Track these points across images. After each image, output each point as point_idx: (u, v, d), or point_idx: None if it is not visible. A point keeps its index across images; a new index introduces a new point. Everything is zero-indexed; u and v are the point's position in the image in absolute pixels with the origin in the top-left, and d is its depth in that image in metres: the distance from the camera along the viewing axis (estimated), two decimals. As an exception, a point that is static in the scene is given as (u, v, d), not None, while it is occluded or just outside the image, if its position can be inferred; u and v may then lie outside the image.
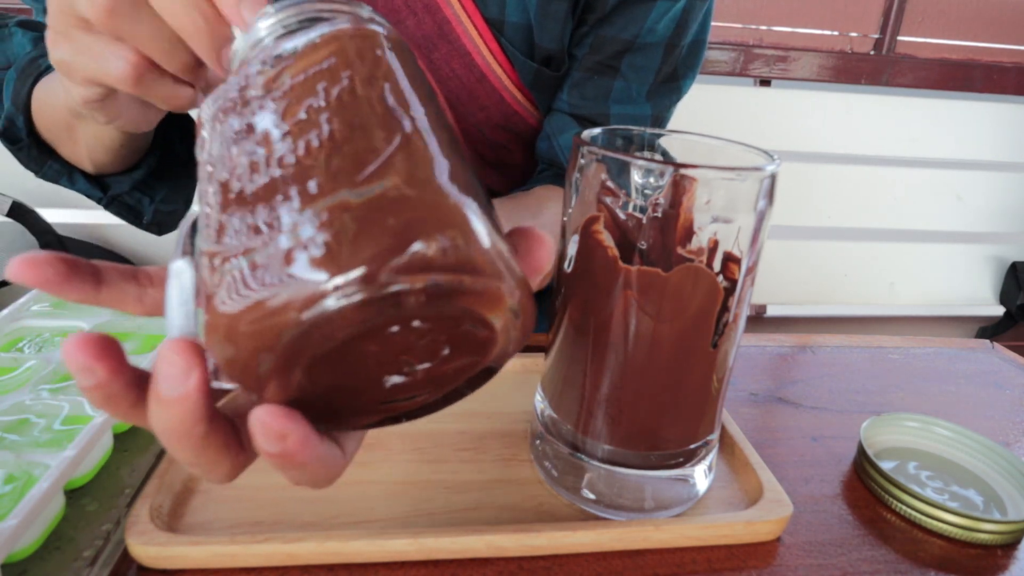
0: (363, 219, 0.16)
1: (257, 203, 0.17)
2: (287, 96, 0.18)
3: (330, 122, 0.17)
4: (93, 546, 0.31)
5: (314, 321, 0.16)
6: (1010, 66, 1.36)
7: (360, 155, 0.17)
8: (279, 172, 0.17)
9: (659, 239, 0.31)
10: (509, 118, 0.62)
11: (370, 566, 0.32)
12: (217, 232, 0.18)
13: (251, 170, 0.18)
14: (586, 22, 0.58)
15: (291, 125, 0.18)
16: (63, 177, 0.51)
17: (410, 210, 0.16)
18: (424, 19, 0.56)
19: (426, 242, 0.16)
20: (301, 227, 0.16)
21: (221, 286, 0.17)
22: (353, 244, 0.16)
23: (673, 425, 0.34)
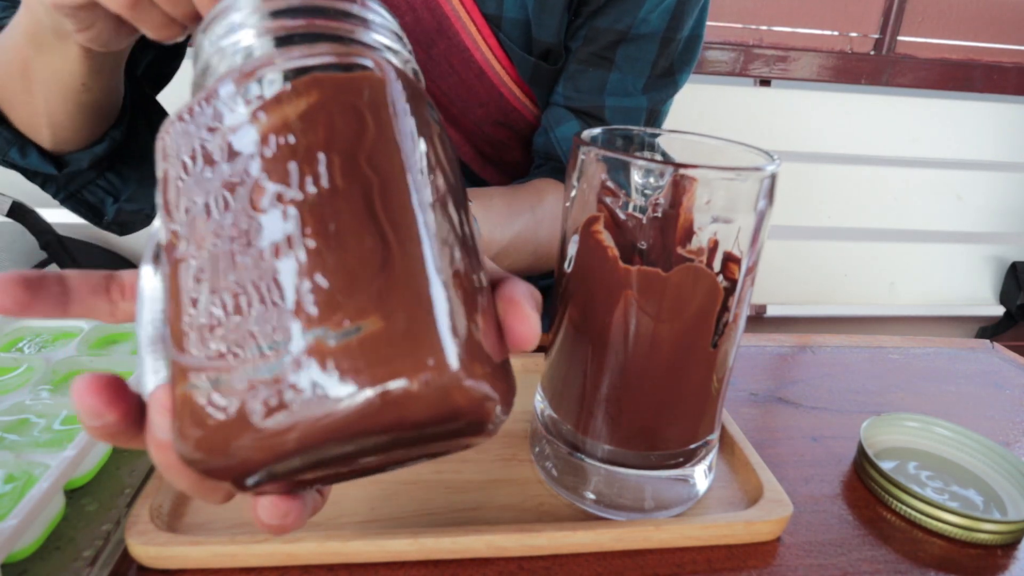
0: (337, 365, 0.15)
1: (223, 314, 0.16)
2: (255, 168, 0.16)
3: (303, 226, 0.15)
4: (93, 546, 0.31)
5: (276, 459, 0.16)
6: (1010, 66, 1.36)
7: (337, 282, 0.15)
8: (246, 284, 0.16)
9: (659, 239, 0.31)
10: (508, 114, 0.62)
11: (370, 566, 0.32)
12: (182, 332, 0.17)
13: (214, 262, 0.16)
14: (581, 14, 0.58)
15: (258, 217, 0.16)
16: (13, 148, 0.47)
17: (387, 352, 0.15)
18: (423, 15, 0.56)
19: (402, 387, 0.15)
20: (267, 362, 0.15)
21: (183, 399, 0.16)
22: (328, 387, 0.15)
23: (673, 425, 0.34)
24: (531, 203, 0.55)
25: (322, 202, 0.15)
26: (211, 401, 0.16)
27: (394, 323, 0.15)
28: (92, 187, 0.53)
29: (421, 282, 0.16)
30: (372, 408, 0.15)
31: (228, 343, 0.16)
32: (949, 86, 1.36)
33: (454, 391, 0.16)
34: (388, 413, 0.15)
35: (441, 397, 0.15)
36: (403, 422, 0.15)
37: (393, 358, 0.15)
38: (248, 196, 0.16)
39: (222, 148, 0.16)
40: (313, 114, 0.16)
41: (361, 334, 0.15)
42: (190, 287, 0.16)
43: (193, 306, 0.16)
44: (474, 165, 0.66)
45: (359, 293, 0.15)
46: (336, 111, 0.16)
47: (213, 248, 0.16)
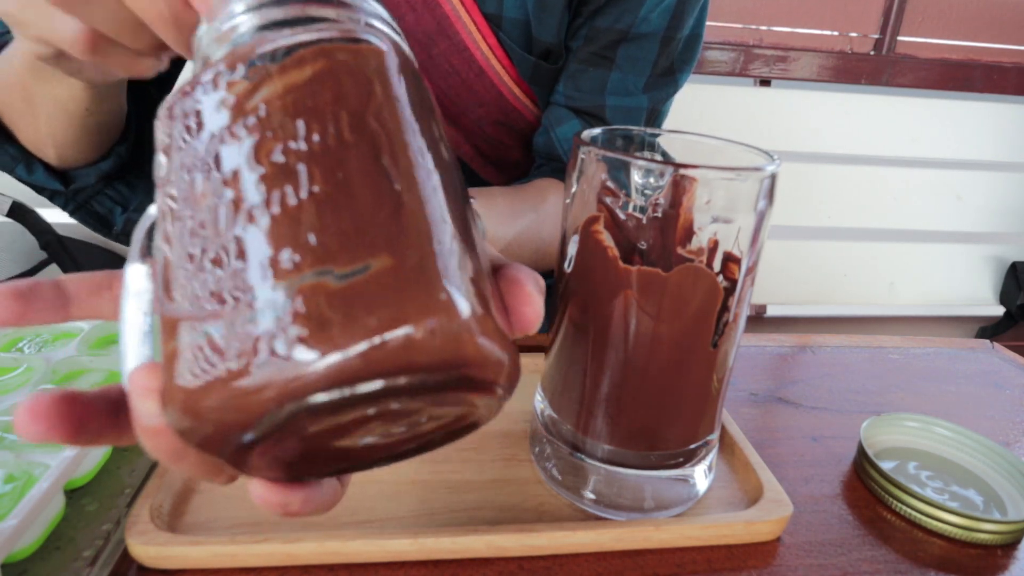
0: (345, 305, 0.14)
1: (219, 265, 0.15)
2: (261, 126, 0.16)
3: (311, 175, 0.15)
4: (93, 546, 0.31)
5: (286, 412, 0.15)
6: (1010, 66, 1.36)
7: (343, 226, 0.15)
8: (249, 228, 0.15)
9: (659, 239, 0.31)
10: (508, 114, 0.62)
11: (370, 566, 0.32)
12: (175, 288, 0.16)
13: (215, 219, 0.15)
14: (581, 14, 0.58)
15: (266, 168, 0.15)
16: (19, 164, 0.47)
17: (398, 295, 0.15)
18: (423, 15, 0.56)
19: (414, 331, 0.14)
20: (273, 305, 0.14)
21: (177, 356, 0.15)
22: (333, 331, 0.14)
23: (673, 425, 0.34)
24: (534, 202, 0.55)
25: (330, 154, 0.15)
26: (206, 351, 0.15)
27: (404, 262, 0.15)
28: (101, 197, 0.53)
29: (430, 230, 0.16)
30: (380, 348, 0.14)
31: (225, 290, 0.15)
32: (949, 86, 1.36)
33: (463, 337, 0.15)
34: (396, 356, 0.14)
35: (452, 342, 0.15)
36: (411, 364, 0.15)
37: (402, 298, 0.15)
38: (252, 151, 0.16)
39: (226, 112, 0.16)
40: (320, 78, 0.16)
41: (368, 273, 0.15)
42: (188, 242, 0.16)
43: (190, 259, 0.16)
44: (474, 165, 0.66)
45: (366, 234, 0.15)
46: (343, 76, 0.16)
47: (214, 202, 0.16)
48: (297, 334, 0.14)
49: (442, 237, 0.16)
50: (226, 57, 0.17)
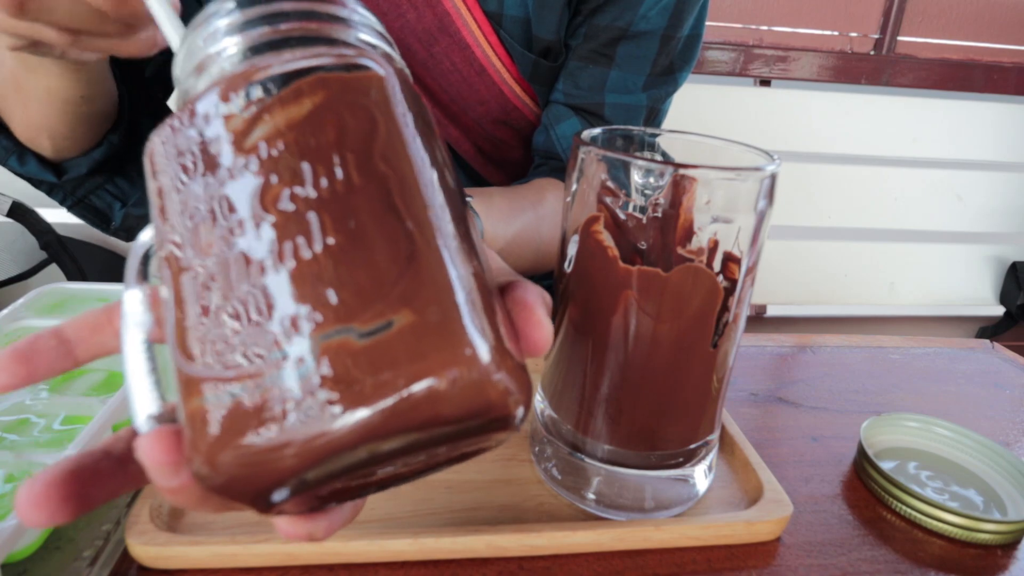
0: (369, 363, 0.14)
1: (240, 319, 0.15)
2: (264, 169, 0.15)
3: (323, 225, 0.15)
4: (93, 546, 0.31)
5: (317, 470, 0.15)
6: (1010, 66, 1.36)
7: (362, 281, 0.15)
8: (265, 283, 0.15)
9: (659, 239, 0.31)
10: (508, 112, 0.62)
11: (370, 566, 0.32)
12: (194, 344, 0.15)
13: (224, 270, 0.15)
14: (581, 12, 0.58)
15: (274, 216, 0.15)
16: (12, 156, 0.47)
17: (421, 350, 0.15)
18: (424, 13, 0.56)
19: (440, 384, 0.15)
20: (298, 365, 0.14)
21: (201, 414, 0.15)
22: (360, 390, 0.14)
23: (673, 425, 0.34)
24: (532, 201, 0.55)
25: (339, 200, 0.15)
26: (232, 413, 0.15)
27: (426, 318, 0.15)
28: (100, 192, 0.53)
29: (447, 277, 0.16)
30: (408, 404, 0.14)
31: (247, 349, 0.15)
32: (949, 86, 1.36)
33: (487, 385, 0.15)
34: (424, 409, 0.14)
35: (476, 391, 0.15)
36: (438, 417, 0.15)
37: (426, 353, 0.15)
38: (258, 198, 0.15)
39: (225, 151, 0.16)
40: (321, 113, 0.16)
41: (391, 330, 0.14)
42: (200, 295, 0.15)
43: (205, 315, 0.15)
44: (474, 163, 0.66)
45: (385, 289, 0.15)
46: (344, 110, 0.16)
47: (222, 253, 0.15)
48: (325, 395, 0.14)
49: (458, 281, 0.16)
50: (218, 86, 0.16)
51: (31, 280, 1.07)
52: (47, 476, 0.17)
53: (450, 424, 0.15)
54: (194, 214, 0.16)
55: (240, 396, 0.15)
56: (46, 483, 0.17)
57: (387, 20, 0.56)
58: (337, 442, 0.14)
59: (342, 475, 0.16)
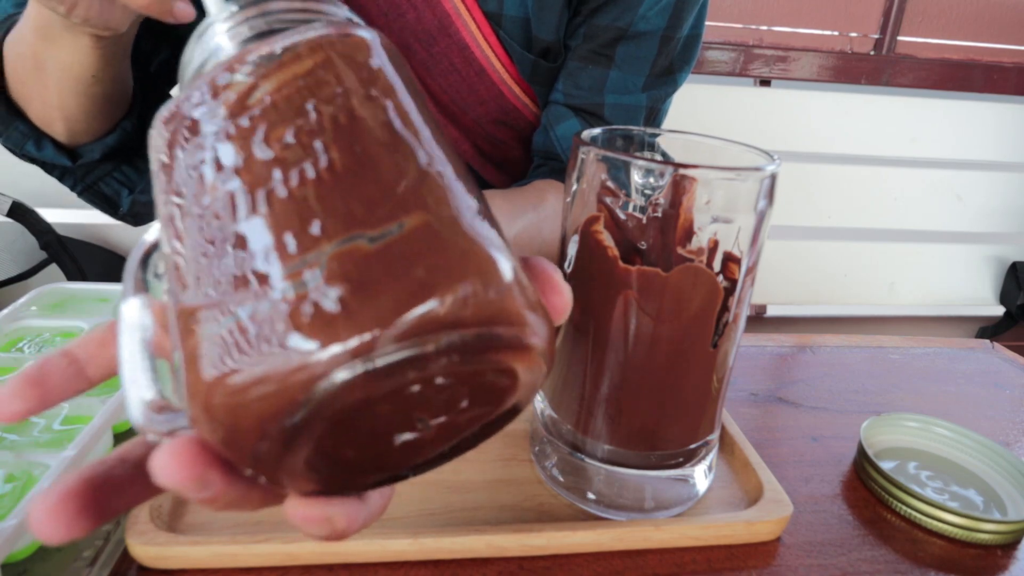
0: (381, 267, 0.14)
1: (242, 247, 0.15)
2: (268, 116, 0.15)
3: (327, 150, 0.15)
4: (93, 546, 0.31)
5: (333, 391, 0.14)
6: (1010, 66, 1.36)
7: (370, 189, 0.14)
8: (268, 210, 0.15)
9: (659, 239, 0.31)
10: (508, 113, 0.62)
11: (370, 566, 0.32)
12: (193, 281, 0.15)
13: (232, 205, 0.15)
14: (580, 12, 0.58)
15: (278, 151, 0.15)
16: (29, 141, 0.48)
17: (433, 254, 0.14)
18: (424, 13, 0.56)
19: (456, 291, 0.14)
20: (304, 278, 0.14)
21: (204, 352, 0.14)
22: (373, 298, 0.13)
23: (673, 425, 0.34)
24: (533, 203, 0.55)
25: (343, 130, 0.15)
26: (237, 335, 0.14)
27: (439, 216, 0.15)
28: (108, 179, 0.54)
29: (457, 186, 0.16)
30: (431, 305, 0.14)
31: (250, 267, 0.14)
32: (949, 86, 1.36)
33: (512, 293, 0.15)
34: (448, 311, 0.14)
35: (500, 297, 0.14)
36: (462, 319, 0.14)
37: (443, 252, 0.14)
38: (264, 137, 0.15)
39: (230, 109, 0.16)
40: (320, 67, 0.16)
41: (403, 231, 0.14)
42: (203, 231, 0.15)
43: (207, 248, 0.15)
44: (474, 164, 0.66)
45: (394, 195, 0.14)
46: (341, 62, 0.16)
47: (228, 190, 0.15)
48: (339, 298, 0.13)
49: (467, 195, 0.16)
50: (219, 65, 0.16)
51: (31, 280, 1.07)
52: (61, 489, 0.16)
53: (475, 326, 0.14)
54: (198, 165, 0.16)
55: (243, 316, 0.14)
56: (60, 496, 0.16)
57: (387, 20, 0.56)
58: (360, 346, 0.13)
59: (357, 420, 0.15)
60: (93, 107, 0.47)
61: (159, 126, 0.17)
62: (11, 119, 0.48)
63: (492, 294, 0.14)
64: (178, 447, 0.15)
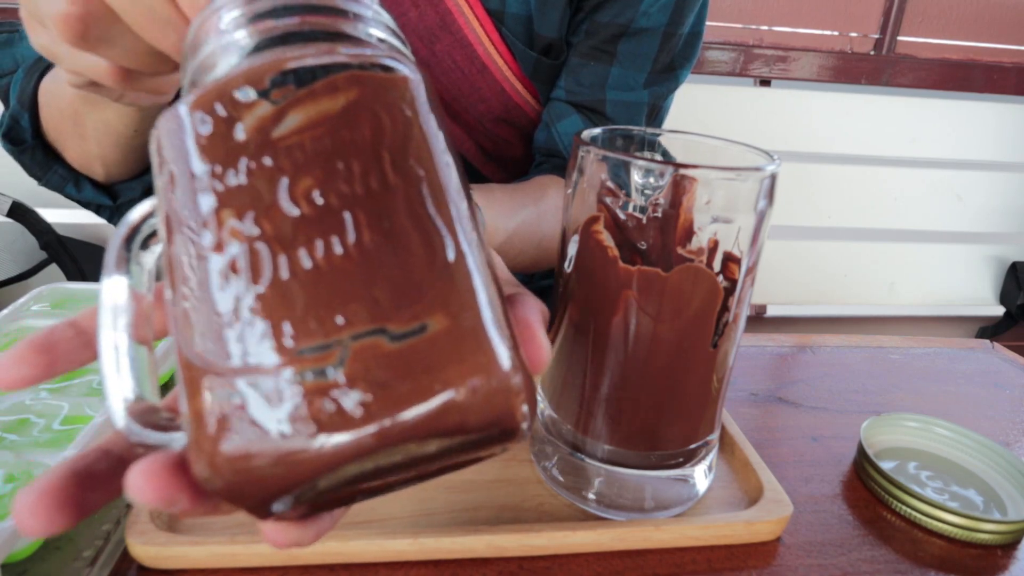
0: (400, 369, 0.14)
1: (259, 315, 0.14)
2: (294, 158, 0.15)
3: (357, 221, 0.14)
4: (93, 546, 0.31)
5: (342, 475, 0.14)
6: (1010, 66, 1.36)
7: (397, 276, 0.14)
8: (293, 276, 0.14)
9: (659, 239, 0.31)
10: (510, 110, 0.62)
11: (370, 566, 0.32)
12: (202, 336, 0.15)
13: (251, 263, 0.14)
14: (582, 9, 0.58)
15: (305, 210, 0.14)
16: (68, 184, 0.49)
17: (453, 357, 0.14)
18: (426, 11, 0.56)
19: (468, 393, 0.14)
20: (323, 365, 0.14)
21: (210, 412, 0.14)
22: (388, 397, 0.14)
23: (673, 425, 0.34)
24: (533, 197, 0.55)
25: (374, 198, 0.15)
26: (249, 410, 0.14)
27: (460, 323, 0.15)
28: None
29: (475, 283, 0.15)
30: (438, 410, 0.14)
31: (268, 344, 0.14)
32: (949, 86, 1.36)
33: (512, 394, 0.15)
34: (453, 414, 0.14)
35: (503, 400, 0.15)
36: (465, 424, 0.15)
37: (458, 359, 0.14)
38: (289, 189, 0.14)
39: (252, 140, 0.15)
40: (356, 110, 0.15)
41: (425, 334, 0.14)
42: (218, 284, 0.15)
43: (223, 305, 0.14)
44: (476, 161, 0.66)
45: (419, 291, 0.14)
46: (380, 108, 0.16)
47: (247, 243, 0.14)
48: (356, 396, 0.14)
49: (484, 288, 0.16)
50: (244, 72, 0.15)
51: (31, 280, 1.07)
52: (41, 484, 0.16)
53: (476, 431, 0.15)
54: (215, 201, 0.15)
55: (257, 392, 0.14)
56: (40, 491, 0.16)
57: None
58: (361, 447, 0.14)
59: (353, 482, 0.16)
60: (131, 153, 0.47)
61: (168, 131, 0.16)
62: (49, 163, 0.48)
63: (499, 397, 0.15)
64: (154, 470, 0.15)
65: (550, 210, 0.55)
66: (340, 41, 0.17)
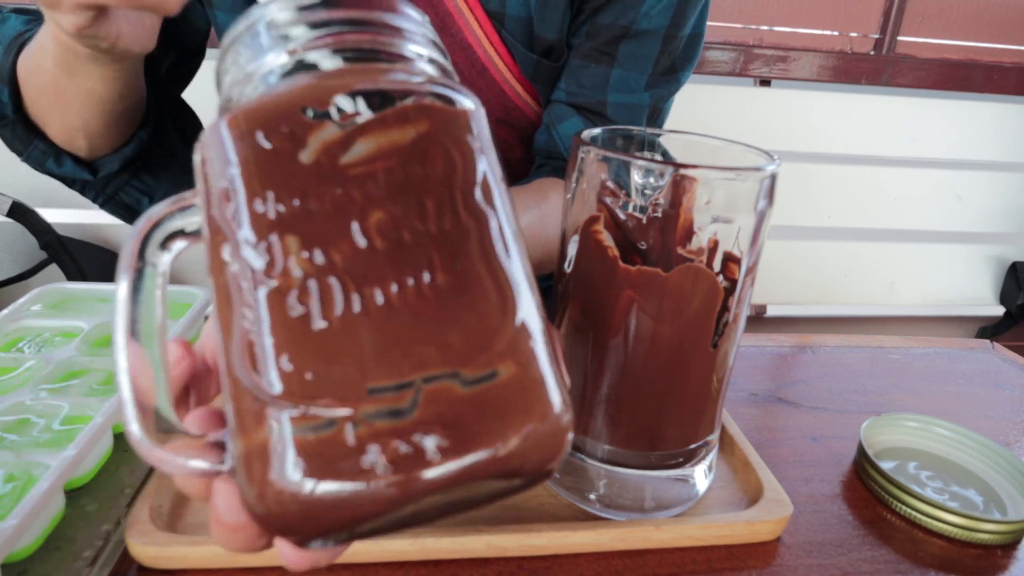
0: (471, 412, 0.14)
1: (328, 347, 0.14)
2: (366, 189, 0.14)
3: (431, 261, 0.14)
4: (93, 546, 0.31)
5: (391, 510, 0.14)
6: (1010, 66, 1.36)
7: (470, 320, 0.14)
8: (367, 312, 0.14)
9: (659, 239, 0.31)
10: (510, 112, 0.62)
11: (370, 566, 0.32)
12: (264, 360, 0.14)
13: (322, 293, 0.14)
14: (583, 11, 0.58)
15: (379, 245, 0.14)
16: (49, 158, 0.49)
17: (517, 407, 0.15)
18: (426, 11, 0.56)
19: (531, 438, 0.15)
20: (398, 406, 0.14)
21: (277, 446, 0.14)
22: (457, 438, 0.14)
23: (673, 425, 0.34)
24: (536, 199, 0.55)
25: (446, 237, 0.15)
26: (311, 450, 0.13)
27: (527, 371, 0.15)
28: (128, 188, 0.55)
29: (539, 329, 0.16)
30: (503, 455, 0.14)
31: (339, 380, 0.14)
32: (949, 86, 1.36)
33: (565, 439, 0.15)
34: (514, 459, 0.14)
35: (557, 445, 0.15)
36: (522, 468, 0.15)
37: (523, 406, 0.15)
38: (360, 221, 0.14)
39: (316, 164, 0.14)
40: (427, 144, 0.15)
41: (495, 380, 0.14)
42: (283, 314, 0.14)
43: (289, 336, 0.14)
44: None
45: (491, 337, 0.14)
46: (450, 143, 0.15)
47: (314, 272, 0.14)
48: (427, 439, 0.14)
49: (543, 333, 0.16)
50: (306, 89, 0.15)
51: (31, 280, 1.07)
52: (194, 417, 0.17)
53: (528, 474, 0.15)
54: (282, 226, 0.14)
55: (324, 430, 0.14)
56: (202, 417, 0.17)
57: None
58: (427, 488, 0.14)
59: (405, 519, 0.15)
60: (116, 123, 0.48)
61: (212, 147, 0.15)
62: (30, 138, 0.48)
63: (556, 440, 0.15)
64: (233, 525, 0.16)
65: (552, 212, 0.55)
66: (398, 62, 0.16)
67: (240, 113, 0.15)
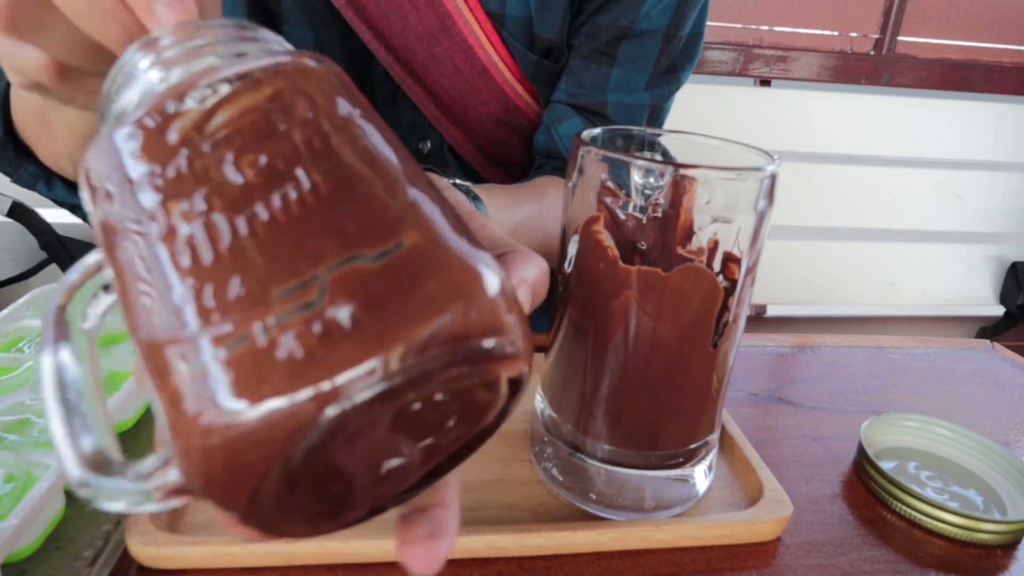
0: (387, 284, 0.13)
1: (227, 273, 0.14)
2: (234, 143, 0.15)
3: (309, 173, 0.15)
4: (93, 546, 0.31)
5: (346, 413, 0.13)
6: (1010, 66, 1.36)
7: (361, 211, 0.14)
8: (248, 233, 0.14)
9: (659, 239, 0.31)
10: (510, 112, 0.62)
11: (370, 566, 0.32)
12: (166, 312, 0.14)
13: (207, 231, 0.14)
14: (583, 11, 0.58)
15: (250, 175, 0.14)
16: (39, 181, 0.49)
17: (435, 271, 0.14)
18: (426, 13, 0.56)
19: (459, 306, 0.14)
20: (308, 299, 0.13)
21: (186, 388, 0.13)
22: (384, 315, 0.13)
23: (673, 425, 0.34)
24: (535, 195, 0.55)
25: (321, 155, 0.15)
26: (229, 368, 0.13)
27: (431, 236, 0.15)
28: None
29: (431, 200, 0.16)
30: (434, 319, 0.13)
31: (242, 300, 0.13)
32: (949, 86, 1.36)
33: (504, 304, 0.15)
34: (450, 323, 0.14)
35: (495, 308, 0.15)
36: (466, 332, 0.14)
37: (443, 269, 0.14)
38: (232, 164, 0.15)
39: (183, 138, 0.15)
40: (285, 94, 0.16)
41: (402, 249, 0.14)
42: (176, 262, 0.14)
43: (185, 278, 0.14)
44: (476, 163, 0.66)
45: (386, 215, 0.14)
46: (305, 87, 0.16)
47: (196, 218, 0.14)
48: (349, 316, 0.13)
49: (448, 212, 0.16)
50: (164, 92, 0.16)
51: (31, 280, 1.07)
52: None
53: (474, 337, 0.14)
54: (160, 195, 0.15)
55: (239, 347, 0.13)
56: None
57: (388, 21, 0.56)
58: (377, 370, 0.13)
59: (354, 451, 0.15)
60: None
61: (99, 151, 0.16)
62: (20, 160, 0.48)
63: (488, 307, 0.15)
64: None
65: (552, 207, 0.55)
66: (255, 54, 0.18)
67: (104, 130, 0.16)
